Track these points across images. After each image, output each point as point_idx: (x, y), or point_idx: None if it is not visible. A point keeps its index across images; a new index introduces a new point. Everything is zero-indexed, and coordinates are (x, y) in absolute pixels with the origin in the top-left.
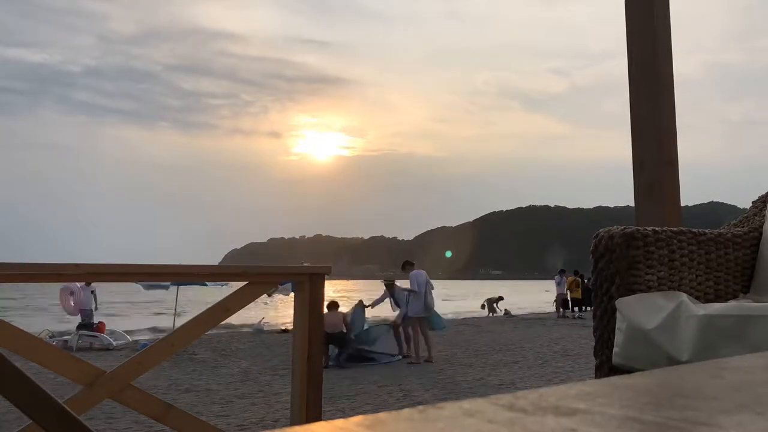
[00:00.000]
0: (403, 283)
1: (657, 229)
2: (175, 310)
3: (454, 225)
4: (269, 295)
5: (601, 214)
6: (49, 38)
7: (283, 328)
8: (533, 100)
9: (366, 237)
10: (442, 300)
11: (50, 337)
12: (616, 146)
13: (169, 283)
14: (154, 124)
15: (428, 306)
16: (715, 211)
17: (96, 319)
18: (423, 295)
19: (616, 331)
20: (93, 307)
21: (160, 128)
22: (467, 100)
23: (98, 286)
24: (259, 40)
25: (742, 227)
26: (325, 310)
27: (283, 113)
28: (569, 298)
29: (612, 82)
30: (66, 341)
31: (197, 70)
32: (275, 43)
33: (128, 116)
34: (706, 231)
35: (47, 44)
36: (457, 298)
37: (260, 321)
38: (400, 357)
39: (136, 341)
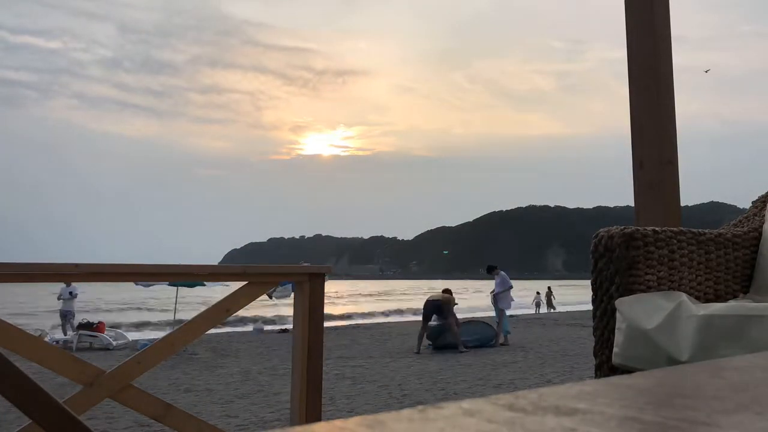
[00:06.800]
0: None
1: (657, 229)
2: (175, 310)
3: (454, 225)
4: (270, 296)
5: (601, 214)
6: (63, 25)
7: (283, 328)
8: (531, 98)
9: (366, 237)
10: None
11: (54, 341)
12: (616, 146)
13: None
14: (168, 120)
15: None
16: (715, 211)
17: (76, 320)
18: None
19: (616, 331)
20: (72, 309)
21: (162, 123)
22: (466, 99)
23: (97, 287)
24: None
25: (742, 227)
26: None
27: (281, 111)
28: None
29: (612, 81)
30: (66, 341)
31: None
32: (259, 37)
33: (145, 111)
34: (706, 231)
35: (61, 32)
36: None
37: (260, 321)
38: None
39: (136, 341)
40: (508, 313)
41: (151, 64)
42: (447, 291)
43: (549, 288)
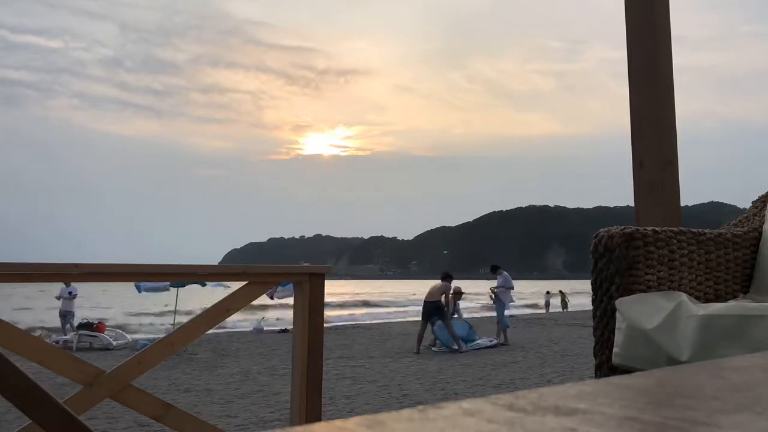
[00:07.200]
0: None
1: (657, 229)
2: (175, 310)
3: (454, 225)
4: (271, 297)
5: (601, 214)
6: (64, 25)
7: (283, 328)
8: (531, 98)
9: (366, 237)
10: None
11: (54, 341)
12: (616, 146)
13: (168, 284)
14: (169, 120)
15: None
16: (715, 211)
17: (75, 320)
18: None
19: (616, 331)
20: (72, 309)
21: (163, 123)
22: (466, 99)
23: (98, 287)
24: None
25: (742, 227)
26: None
27: (282, 111)
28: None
29: (611, 81)
30: (66, 341)
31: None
32: (260, 36)
33: (145, 111)
34: (706, 231)
35: (62, 31)
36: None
37: (260, 321)
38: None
39: (136, 341)
40: (507, 313)
41: (152, 64)
42: (447, 276)
43: (561, 291)
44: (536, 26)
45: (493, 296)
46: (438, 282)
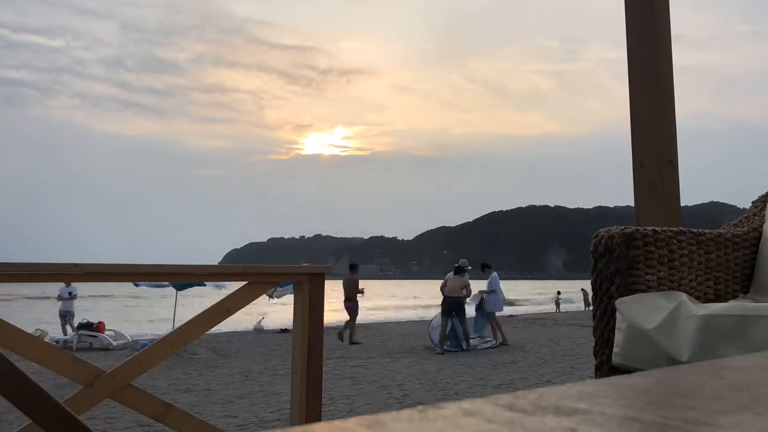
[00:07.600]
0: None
1: (657, 229)
2: (175, 310)
3: (454, 225)
4: (270, 297)
5: (601, 214)
6: (65, 24)
7: (283, 328)
8: (530, 98)
9: (366, 237)
10: None
11: (54, 341)
12: (616, 146)
13: (167, 283)
14: (169, 120)
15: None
16: (715, 211)
17: (75, 321)
18: (500, 293)
19: (616, 331)
20: (72, 309)
21: (164, 123)
22: (465, 98)
23: (98, 287)
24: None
25: (742, 227)
26: (452, 275)
27: (283, 111)
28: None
29: (611, 80)
30: (66, 341)
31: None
32: (262, 35)
33: (146, 110)
34: (706, 231)
35: (63, 31)
36: None
37: (260, 320)
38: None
39: (136, 341)
40: (498, 313)
41: (154, 63)
42: (461, 270)
43: (583, 290)
44: (535, 26)
45: (482, 299)
46: (455, 277)
